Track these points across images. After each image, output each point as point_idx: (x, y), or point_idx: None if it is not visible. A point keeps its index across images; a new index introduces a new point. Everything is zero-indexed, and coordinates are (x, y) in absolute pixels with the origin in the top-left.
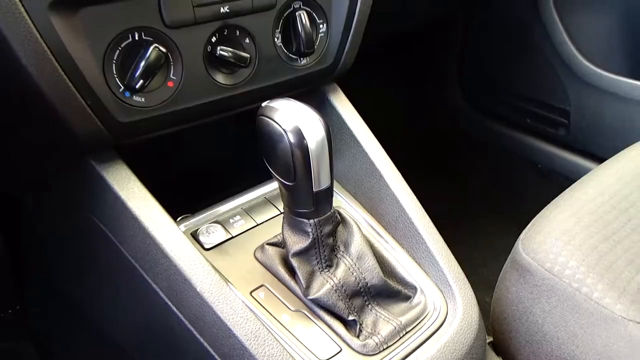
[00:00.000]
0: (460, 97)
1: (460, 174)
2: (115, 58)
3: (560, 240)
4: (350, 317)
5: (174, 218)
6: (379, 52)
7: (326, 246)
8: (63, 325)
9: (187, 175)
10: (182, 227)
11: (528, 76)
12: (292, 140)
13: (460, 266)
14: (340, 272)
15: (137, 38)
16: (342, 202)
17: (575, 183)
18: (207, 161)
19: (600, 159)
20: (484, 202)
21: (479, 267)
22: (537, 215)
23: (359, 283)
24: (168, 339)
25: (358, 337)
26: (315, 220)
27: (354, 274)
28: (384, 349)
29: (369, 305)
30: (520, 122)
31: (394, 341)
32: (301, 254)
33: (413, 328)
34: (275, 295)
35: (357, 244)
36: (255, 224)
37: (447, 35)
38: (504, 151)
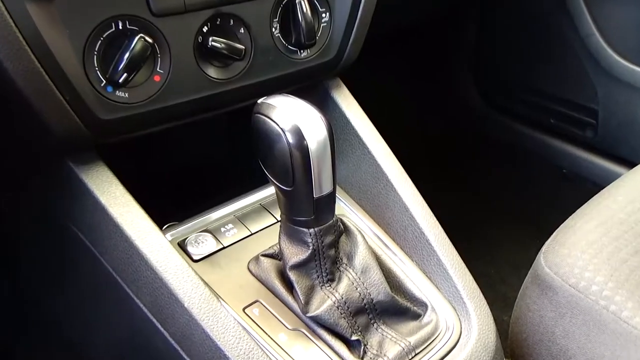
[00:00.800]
0: (475, 94)
1: (475, 179)
2: (96, 49)
3: (586, 253)
4: (354, 337)
5: (160, 226)
6: (387, 44)
7: (327, 258)
8: (36, 343)
9: (174, 179)
10: (169, 236)
11: (551, 71)
12: (290, 140)
13: (476, 281)
14: (343, 287)
15: (120, 27)
16: (346, 209)
17: (604, 190)
18: (197, 163)
19: (631, 164)
20: (501, 210)
21: (496, 283)
22: (561, 226)
23: (363, 299)
24: (152, 359)
25: (362, 359)
26: (316, 229)
27: (358, 289)
28: None
29: (375, 324)
30: (542, 122)
31: None
32: (300, 266)
33: (423, 349)
34: (271, 312)
35: (361, 256)
36: (249, 234)
37: (460, 26)
38: (524, 154)
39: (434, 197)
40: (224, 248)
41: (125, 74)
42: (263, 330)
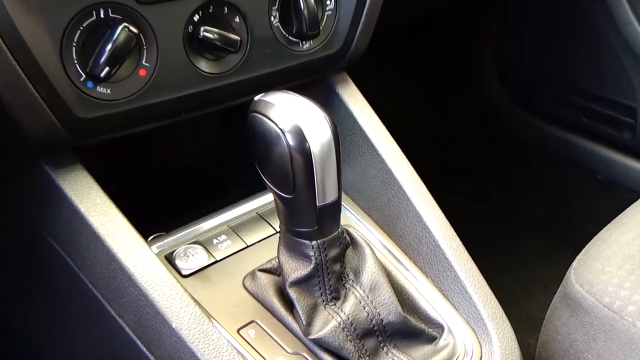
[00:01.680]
0: (498, 90)
1: (498, 186)
2: (75, 40)
3: (622, 268)
4: None
5: (145, 237)
6: (399, 34)
7: (332, 274)
8: None
9: (161, 184)
10: (155, 248)
11: (584, 64)
12: (291, 142)
13: (499, 300)
14: (349, 306)
15: (102, 16)
16: (352, 219)
17: None
18: (187, 168)
19: None
20: (527, 220)
21: (521, 302)
22: (594, 238)
23: (372, 320)
24: None
25: None
26: (319, 241)
27: (366, 308)
28: None
29: (384, 348)
30: (574, 122)
31: None
32: (301, 283)
33: None
34: (269, 334)
35: (370, 272)
36: (245, 246)
37: (482, 14)
38: (553, 157)
39: (451, 205)
40: (216, 262)
41: (107, 68)
42: (260, 354)
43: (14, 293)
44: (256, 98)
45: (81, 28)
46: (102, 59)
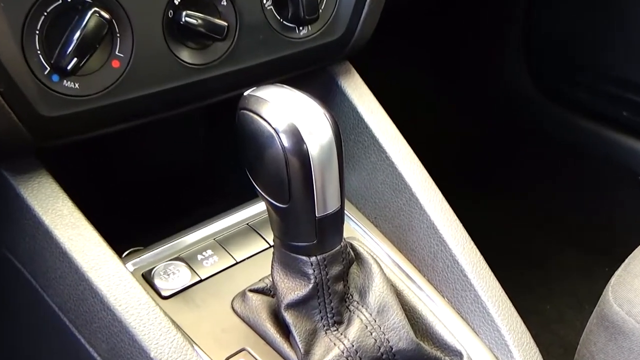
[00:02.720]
0: (526, 79)
1: (525, 190)
2: (38, 28)
3: None
4: None
5: (119, 253)
6: (410, 19)
7: (334, 294)
8: None
9: (138, 192)
10: (131, 265)
11: (625, 50)
12: (286, 143)
13: (525, 322)
14: (354, 331)
15: (69, 0)
16: (357, 231)
17: None
18: (167, 173)
19: None
20: (559, 230)
21: (552, 324)
22: (636, 250)
23: (380, 347)
24: None
25: None
26: (319, 257)
27: (374, 334)
28: None
29: None
30: (612, 115)
31: None
32: (298, 305)
33: None
34: None
35: (377, 292)
36: (234, 263)
37: None
38: (588, 156)
39: (470, 214)
40: (201, 281)
41: (75, 59)
42: None
43: None
44: (246, 93)
45: (45, 14)
46: (70, 49)
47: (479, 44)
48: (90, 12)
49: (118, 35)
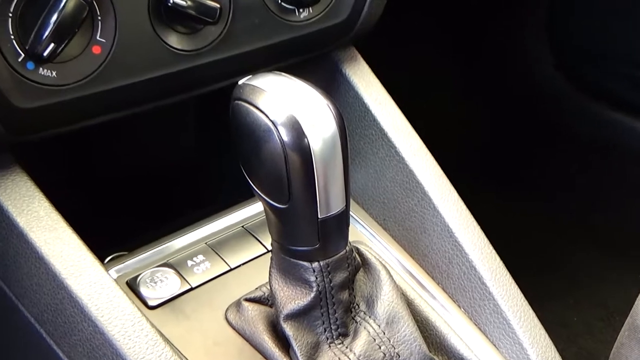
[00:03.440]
0: (551, 68)
1: (550, 190)
2: (12, 10)
3: None
4: None
5: (102, 258)
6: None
7: (338, 304)
8: None
9: (123, 191)
10: (114, 272)
11: None
12: (285, 138)
13: (550, 335)
14: (361, 344)
15: None
16: (364, 234)
17: None
18: (154, 170)
19: None
20: (587, 234)
21: (579, 337)
22: None
23: None
24: None
25: None
26: (322, 263)
27: (382, 347)
28: None
29: None
30: None
31: None
32: (299, 316)
33: None
34: None
35: (386, 301)
36: (228, 269)
37: None
38: (621, 153)
39: (489, 216)
40: (191, 289)
41: (52, 45)
42: None
43: None
44: (240, 82)
45: None
46: (46, 34)
47: (501, 31)
48: None
49: (99, 18)
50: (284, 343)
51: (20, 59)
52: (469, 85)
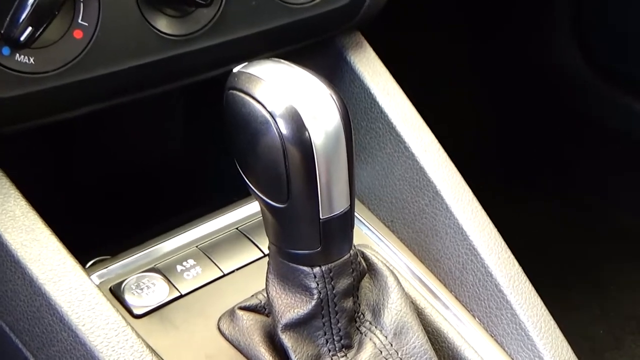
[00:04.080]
0: (577, 57)
1: (577, 190)
2: None
3: None
4: None
5: (83, 262)
6: None
7: (342, 313)
8: None
9: (106, 190)
10: (96, 277)
11: None
12: (284, 131)
13: (574, 348)
14: (366, 357)
15: None
16: (370, 237)
17: None
18: (141, 166)
19: None
20: (615, 238)
21: (605, 351)
22: None
23: None
24: None
25: None
26: (324, 268)
27: (390, 359)
28: None
29: None
30: None
31: None
32: (299, 325)
33: None
34: None
35: (394, 310)
36: (221, 275)
37: None
38: None
39: (507, 217)
40: (181, 297)
41: (29, 28)
42: None
43: None
44: (235, 70)
45: None
46: (23, 17)
47: (521, 14)
48: None
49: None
50: (282, 355)
51: None
52: (489, 73)
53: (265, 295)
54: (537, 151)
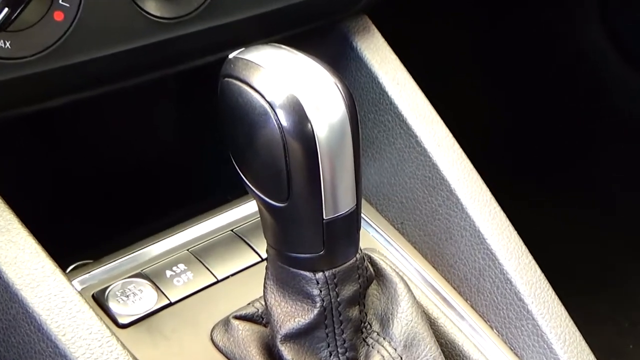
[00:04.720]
0: (603, 42)
1: (600, 188)
2: None
3: None
4: None
5: (64, 267)
6: None
7: (347, 322)
8: None
9: (90, 188)
10: (78, 283)
11: None
12: (284, 122)
13: None
14: None
15: None
16: (378, 239)
17: None
18: (128, 162)
19: None
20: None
21: None
22: None
23: None
24: None
25: None
26: (327, 273)
27: None
28: None
29: None
30: None
31: None
32: (300, 336)
33: None
34: None
35: (404, 320)
36: (214, 281)
37: None
38: None
39: (528, 219)
40: (170, 304)
41: (5, 9)
42: None
43: None
44: (231, 56)
45: None
46: None
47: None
48: None
49: None
50: None
51: None
52: (508, 63)
53: (263, 303)
54: (558, 146)
